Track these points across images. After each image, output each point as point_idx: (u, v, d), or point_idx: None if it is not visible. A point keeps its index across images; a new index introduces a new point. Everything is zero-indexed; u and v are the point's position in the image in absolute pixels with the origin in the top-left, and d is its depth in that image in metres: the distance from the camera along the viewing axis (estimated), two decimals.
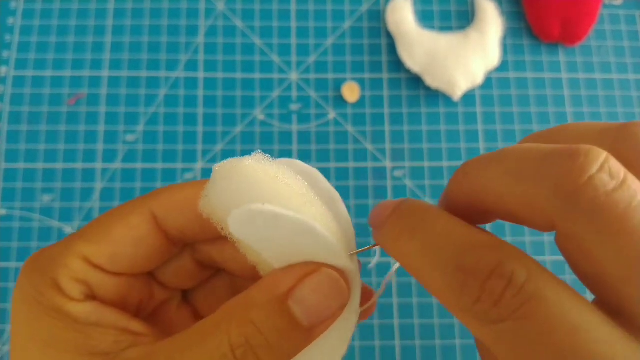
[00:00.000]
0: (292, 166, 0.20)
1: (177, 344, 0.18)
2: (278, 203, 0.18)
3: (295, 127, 0.43)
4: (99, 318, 0.19)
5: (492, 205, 0.18)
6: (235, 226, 0.18)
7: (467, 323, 0.16)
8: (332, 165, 0.42)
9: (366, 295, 0.21)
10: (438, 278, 0.16)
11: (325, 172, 0.42)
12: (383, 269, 0.40)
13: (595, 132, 0.18)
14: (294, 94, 0.43)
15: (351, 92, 0.44)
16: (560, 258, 0.41)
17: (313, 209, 0.19)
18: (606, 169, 0.15)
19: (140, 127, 0.43)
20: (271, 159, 0.20)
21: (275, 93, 0.44)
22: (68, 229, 0.40)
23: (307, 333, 0.18)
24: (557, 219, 0.15)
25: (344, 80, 0.44)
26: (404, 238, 0.18)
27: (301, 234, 0.18)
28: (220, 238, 0.22)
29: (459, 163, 0.42)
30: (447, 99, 0.44)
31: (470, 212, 0.19)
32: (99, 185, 0.41)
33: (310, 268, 0.19)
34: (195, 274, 0.24)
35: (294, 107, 0.43)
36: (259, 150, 0.20)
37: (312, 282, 0.18)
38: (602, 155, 0.15)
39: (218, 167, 0.19)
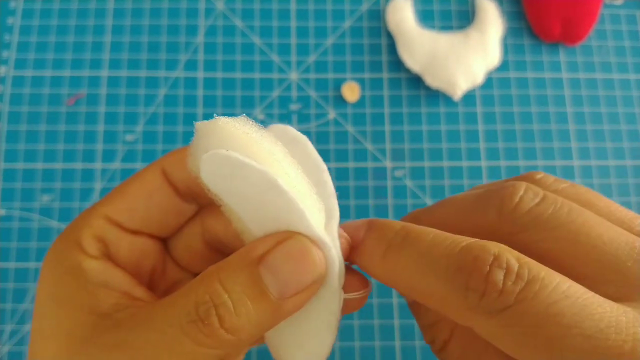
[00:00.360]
0: (284, 132, 0.20)
1: (158, 304, 0.19)
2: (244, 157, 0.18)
3: (295, 127, 0.43)
4: (108, 278, 0.21)
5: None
6: (206, 174, 0.18)
7: (473, 321, 0.17)
8: (332, 165, 0.42)
9: (360, 284, 0.21)
10: (439, 285, 0.17)
11: None
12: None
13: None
14: (294, 93, 0.43)
15: (351, 91, 0.43)
16: None
17: (286, 172, 0.19)
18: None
19: (140, 127, 0.42)
20: (257, 124, 0.20)
21: (275, 93, 0.43)
22: None
23: (277, 304, 0.18)
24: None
25: (344, 80, 0.44)
26: (392, 254, 0.18)
27: (267, 190, 0.18)
28: (228, 223, 0.22)
29: (459, 163, 0.42)
30: (447, 99, 0.44)
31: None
32: (98, 185, 0.41)
33: (285, 235, 0.19)
34: (206, 255, 0.24)
35: (293, 107, 0.43)
36: (244, 115, 0.20)
37: (284, 248, 0.18)
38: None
39: (200, 125, 0.19)
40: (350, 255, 0.20)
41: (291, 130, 0.20)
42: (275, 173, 0.18)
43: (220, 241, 0.24)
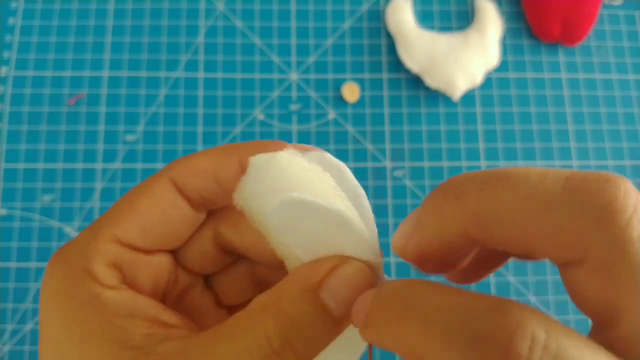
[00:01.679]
0: (321, 159, 0.20)
1: (211, 338, 0.18)
2: (313, 196, 0.19)
3: (295, 127, 0.43)
4: (132, 308, 0.19)
5: (503, 237, 0.17)
6: (273, 215, 0.19)
7: None
8: None
9: None
10: (451, 356, 0.15)
11: None
12: None
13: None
14: (294, 94, 0.44)
15: (351, 92, 0.44)
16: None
17: (343, 204, 0.19)
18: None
19: (140, 127, 0.43)
20: (301, 154, 0.20)
21: (275, 93, 0.44)
22: (68, 229, 0.40)
23: (339, 324, 0.19)
24: (593, 248, 0.15)
25: (343, 80, 0.44)
26: (396, 321, 0.16)
27: (336, 226, 0.19)
28: (241, 224, 0.22)
29: (458, 163, 0.42)
30: (446, 99, 0.44)
31: (457, 245, 0.18)
32: (99, 185, 0.41)
33: (339, 260, 0.19)
34: (217, 258, 0.24)
35: (293, 107, 0.43)
36: (291, 148, 0.20)
37: (342, 273, 0.19)
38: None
39: (255, 160, 0.19)
40: (362, 332, 0.19)
41: (329, 157, 0.20)
42: (345, 209, 0.19)
43: (234, 246, 0.23)
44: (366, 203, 0.20)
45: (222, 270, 0.25)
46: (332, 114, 0.43)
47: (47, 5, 0.45)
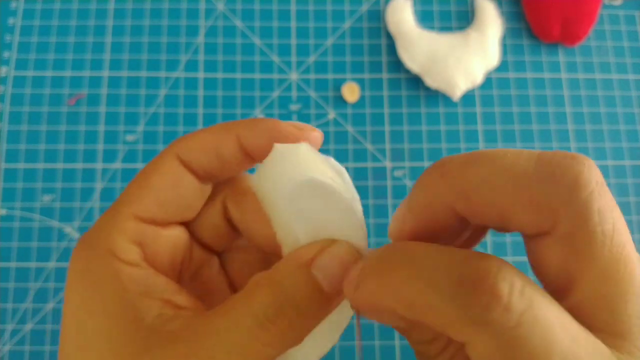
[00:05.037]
0: (326, 162, 0.22)
1: (211, 314, 0.19)
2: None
3: None
4: (149, 287, 0.20)
5: (483, 210, 0.18)
6: (289, 195, 0.20)
7: (477, 340, 0.15)
8: None
9: None
10: (442, 297, 0.16)
11: None
12: None
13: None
14: (294, 94, 0.44)
15: (351, 92, 0.44)
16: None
17: (350, 194, 0.21)
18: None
19: (141, 127, 0.43)
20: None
21: (275, 93, 0.44)
22: (68, 229, 0.41)
23: (329, 300, 0.20)
24: (562, 218, 0.16)
25: (343, 80, 0.44)
26: (386, 272, 0.17)
27: (341, 212, 0.20)
28: (243, 202, 0.24)
29: None
30: (446, 99, 0.44)
31: (445, 222, 0.19)
32: (99, 185, 0.41)
33: (329, 242, 0.20)
34: (227, 232, 0.25)
35: (293, 107, 0.43)
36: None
37: (332, 251, 0.20)
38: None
39: (279, 146, 0.21)
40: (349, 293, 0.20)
41: (332, 161, 0.22)
42: (352, 198, 0.21)
43: (235, 224, 0.25)
44: (359, 207, 0.22)
45: (235, 254, 0.26)
46: (332, 114, 0.43)
47: (47, 6, 0.45)
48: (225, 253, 0.26)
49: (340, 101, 0.44)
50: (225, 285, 0.26)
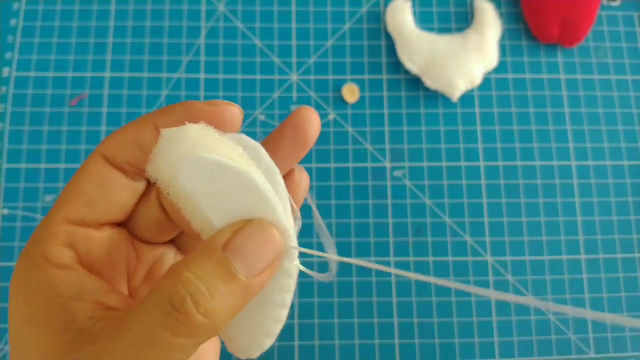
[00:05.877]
0: (238, 140, 0.21)
1: (129, 309, 0.19)
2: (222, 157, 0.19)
3: None
4: (81, 290, 0.20)
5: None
6: (185, 177, 0.19)
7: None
8: (332, 165, 0.42)
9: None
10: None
11: (325, 172, 0.42)
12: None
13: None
14: (294, 94, 0.44)
15: (351, 92, 0.44)
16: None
17: (252, 169, 0.20)
18: None
19: None
20: (216, 130, 0.21)
21: (276, 94, 0.44)
22: None
23: (246, 284, 0.19)
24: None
25: (343, 81, 0.44)
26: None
27: (244, 189, 0.20)
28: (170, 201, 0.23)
29: (458, 163, 0.43)
30: (446, 100, 0.44)
31: None
32: None
33: (244, 222, 0.20)
34: (170, 223, 0.24)
35: (294, 107, 0.43)
36: (203, 121, 0.21)
37: (245, 231, 0.20)
38: None
39: (166, 132, 0.20)
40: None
41: (245, 138, 0.21)
42: (252, 172, 0.20)
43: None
44: (280, 179, 0.21)
45: (189, 239, 0.26)
46: (332, 115, 0.43)
47: (48, 6, 0.45)
48: (181, 238, 0.26)
49: (340, 102, 0.44)
50: None
